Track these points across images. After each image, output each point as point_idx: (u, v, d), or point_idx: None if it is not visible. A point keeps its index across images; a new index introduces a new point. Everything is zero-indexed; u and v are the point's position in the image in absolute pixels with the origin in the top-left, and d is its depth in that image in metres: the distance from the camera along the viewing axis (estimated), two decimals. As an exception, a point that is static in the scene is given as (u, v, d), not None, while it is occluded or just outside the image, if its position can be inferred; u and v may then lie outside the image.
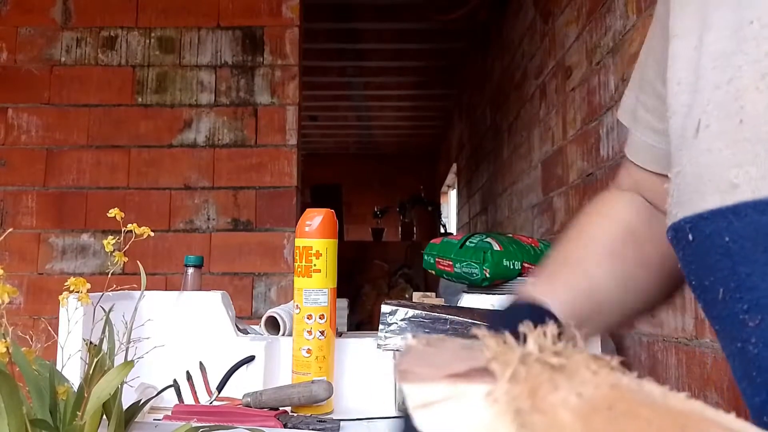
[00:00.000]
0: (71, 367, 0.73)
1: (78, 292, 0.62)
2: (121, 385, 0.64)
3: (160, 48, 2.53)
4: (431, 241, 1.42)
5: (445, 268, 1.33)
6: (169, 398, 0.94)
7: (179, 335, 1.01)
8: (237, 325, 1.05)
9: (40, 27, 2.52)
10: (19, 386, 0.56)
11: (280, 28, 2.54)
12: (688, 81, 0.47)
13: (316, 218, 0.93)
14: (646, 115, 0.60)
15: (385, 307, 0.91)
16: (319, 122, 6.51)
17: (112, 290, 0.70)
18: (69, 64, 2.51)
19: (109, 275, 0.66)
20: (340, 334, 1.06)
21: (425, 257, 1.39)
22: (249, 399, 0.90)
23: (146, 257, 2.29)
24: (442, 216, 7.00)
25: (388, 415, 0.95)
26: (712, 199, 0.42)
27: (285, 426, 0.84)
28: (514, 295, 0.54)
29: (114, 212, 0.66)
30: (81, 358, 0.78)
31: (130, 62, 2.53)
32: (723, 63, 0.43)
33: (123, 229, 0.67)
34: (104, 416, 0.65)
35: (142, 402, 0.74)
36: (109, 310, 0.67)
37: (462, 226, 5.35)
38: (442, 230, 6.39)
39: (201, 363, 0.99)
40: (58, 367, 0.66)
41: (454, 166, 5.90)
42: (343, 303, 1.21)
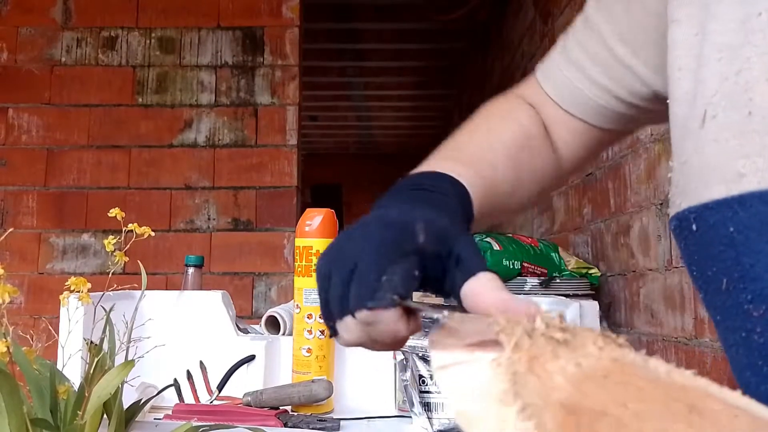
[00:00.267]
0: (72, 366, 0.73)
1: (79, 291, 0.63)
2: (122, 385, 0.64)
3: (161, 48, 2.53)
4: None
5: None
6: (170, 397, 0.94)
7: (180, 335, 1.02)
8: (237, 325, 1.05)
9: (41, 27, 2.53)
10: (20, 386, 0.56)
11: (280, 29, 2.54)
12: (689, 68, 0.47)
13: (316, 218, 0.94)
14: (586, 61, 0.62)
15: (385, 307, 0.91)
16: (319, 122, 6.51)
17: (112, 290, 0.71)
18: (69, 64, 2.52)
19: (110, 275, 0.66)
20: (340, 334, 1.06)
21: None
22: (249, 398, 0.90)
23: (147, 257, 2.29)
24: (443, 216, 6.98)
25: (388, 414, 0.95)
26: (718, 189, 0.42)
27: (285, 425, 0.84)
28: (423, 169, 0.54)
29: (115, 212, 0.67)
30: (81, 358, 0.79)
31: (131, 62, 2.53)
32: (730, 54, 0.43)
33: (124, 229, 0.67)
34: (105, 415, 0.65)
35: (142, 401, 0.74)
36: (110, 310, 0.67)
37: (462, 226, 5.33)
38: (443, 230, 6.37)
39: (201, 362, 0.99)
40: (59, 367, 0.66)
41: (455, 166, 5.89)
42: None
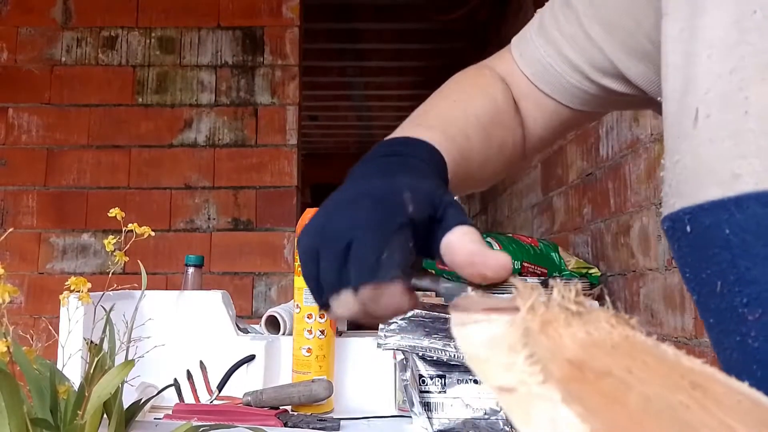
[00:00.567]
0: (72, 366, 0.73)
1: (79, 291, 0.63)
2: (122, 385, 0.64)
3: (161, 48, 2.53)
4: (431, 241, 1.41)
5: (445, 268, 1.33)
6: (170, 397, 0.94)
7: (180, 334, 1.02)
8: (237, 325, 1.05)
9: (41, 27, 2.53)
10: (20, 385, 0.56)
11: (280, 29, 2.54)
12: (675, 64, 0.46)
13: (309, 218, 0.94)
14: (560, 39, 0.61)
15: (385, 307, 0.91)
16: (319, 122, 6.51)
17: (112, 290, 0.71)
18: (69, 64, 2.52)
19: (110, 275, 0.66)
20: (340, 334, 1.06)
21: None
22: (249, 398, 0.90)
23: (147, 257, 2.29)
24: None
25: (388, 414, 0.95)
26: (713, 190, 0.42)
27: (285, 425, 0.84)
28: (396, 135, 0.53)
29: (115, 212, 0.67)
30: (82, 358, 0.79)
31: (131, 62, 2.53)
32: (723, 52, 0.42)
33: (124, 229, 0.67)
34: (105, 415, 0.65)
35: (142, 401, 0.74)
36: (110, 310, 0.67)
37: (462, 226, 5.34)
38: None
39: (201, 362, 0.99)
40: (59, 367, 0.66)
41: (455, 165, 5.89)
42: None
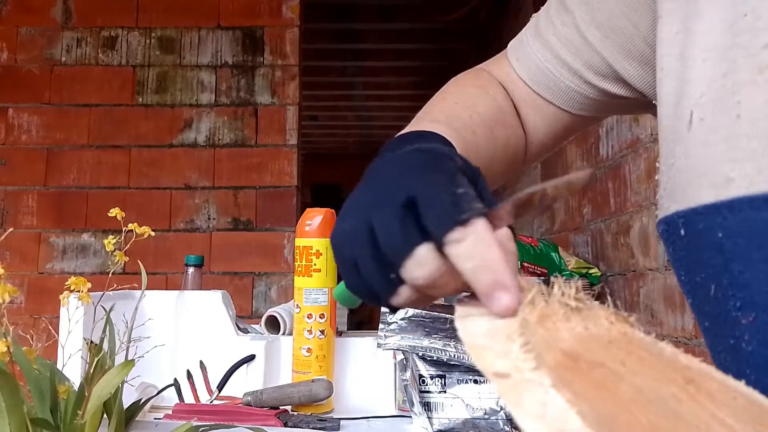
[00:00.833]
0: (72, 366, 0.73)
1: (78, 291, 0.63)
2: (122, 385, 0.64)
3: (161, 48, 2.53)
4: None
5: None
6: (170, 397, 0.94)
7: (180, 334, 1.02)
8: (237, 325, 1.05)
9: (41, 27, 2.53)
10: (20, 385, 0.56)
11: (280, 29, 2.54)
12: (670, 68, 0.46)
13: (316, 218, 0.94)
14: (557, 43, 0.61)
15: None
16: (319, 122, 6.51)
17: (112, 290, 0.70)
18: (69, 64, 2.52)
19: (110, 275, 0.66)
20: (340, 334, 1.06)
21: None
22: (249, 398, 0.90)
23: (147, 257, 2.29)
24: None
25: (388, 414, 0.95)
26: (707, 194, 0.42)
27: (285, 425, 0.84)
28: (407, 131, 0.52)
29: (115, 212, 0.66)
30: (81, 358, 0.79)
31: (131, 62, 2.53)
32: (716, 56, 0.42)
33: (124, 229, 0.67)
34: (105, 415, 0.65)
35: (142, 401, 0.74)
36: (110, 310, 0.67)
37: (462, 226, 5.34)
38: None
39: (201, 362, 0.99)
40: (59, 367, 0.66)
41: (455, 165, 5.89)
42: (343, 302, 1.21)
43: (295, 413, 0.89)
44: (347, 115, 6.43)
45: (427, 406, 0.85)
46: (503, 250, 0.35)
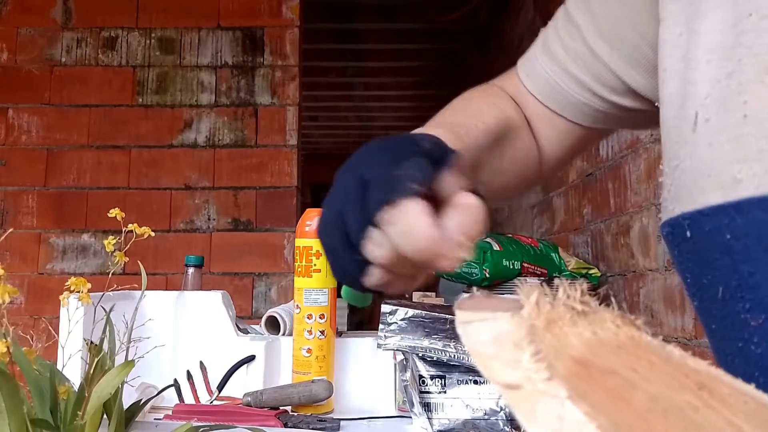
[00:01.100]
0: (72, 366, 0.73)
1: (78, 291, 0.63)
2: (122, 385, 0.64)
3: (161, 48, 2.53)
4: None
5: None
6: (170, 398, 0.94)
7: (180, 335, 1.02)
8: (237, 325, 1.05)
9: (41, 27, 2.53)
10: (20, 386, 0.56)
11: (280, 29, 2.54)
12: (674, 69, 0.46)
13: (316, 218, 0.94)
14: (564, 56, 0.61)
15: (385, 307, 0.91)
16: (319, 122, 6.51)
17: (112, 290, 0.71)
18: (69, 65, 2.52)
19: (110, 275, 0.66)
20: (340, 334, 1.06)
21: (425, 257, 1.39)
22: (249, 398, 0.90)
23: (147, 257, 2.29)
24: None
25: (388, 415, 0.95)
26: (714, 195, 0.41)
27: (285, 425, 0.84)
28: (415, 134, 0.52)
29: (114, 212, 0.66)
30: (81, 358, 0.79)
31: (131, 62, 2.53)
32: (721, 56, 0.42)
33: (123, 229, 0.67)
34: (105, 416, 0.65)
35: (142, 401, 0.74)
36: (110, 310, 0.67)
37: (462, 226, 5.33)
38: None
39: (201, 362, 0.99)
40: (59, 367, 0.66)
41: (455, 166, 5.89)
42: (343, 303, 1.21)
43: (295, 414, 0.89)
44: (347, 116, 6.43)
45: (427, 407, 0.85)
46: (441, 220, 0.37)
